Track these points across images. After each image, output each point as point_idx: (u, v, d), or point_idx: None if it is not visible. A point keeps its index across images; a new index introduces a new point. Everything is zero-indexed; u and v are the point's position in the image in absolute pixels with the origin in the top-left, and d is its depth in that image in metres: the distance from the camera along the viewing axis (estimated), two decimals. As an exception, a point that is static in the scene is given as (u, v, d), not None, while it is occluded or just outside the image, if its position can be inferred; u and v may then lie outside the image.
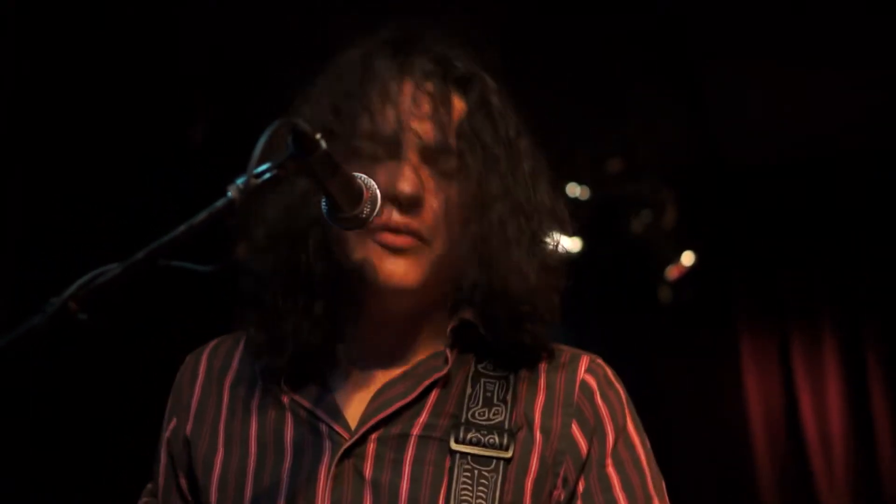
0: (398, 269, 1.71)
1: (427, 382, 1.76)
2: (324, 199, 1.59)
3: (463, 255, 1.73)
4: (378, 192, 1.61)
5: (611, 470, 1.77)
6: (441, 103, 1.75)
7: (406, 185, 1.69)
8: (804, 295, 6.69)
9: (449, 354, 1.78)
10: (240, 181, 1.38)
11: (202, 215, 1.37)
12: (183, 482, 1.86)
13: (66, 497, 4.55)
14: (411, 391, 1.75)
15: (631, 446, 1.81)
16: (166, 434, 1.90)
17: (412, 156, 1.72)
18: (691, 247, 6.39)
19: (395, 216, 1.70)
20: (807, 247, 6.60)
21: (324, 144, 1.46)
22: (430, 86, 1.75)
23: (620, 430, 1.80)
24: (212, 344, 1.96)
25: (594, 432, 1.77)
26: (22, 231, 4.42)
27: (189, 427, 1.86)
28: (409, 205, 1.70)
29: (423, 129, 1.73)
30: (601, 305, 6.35)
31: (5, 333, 1.34)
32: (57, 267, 3.94)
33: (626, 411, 1.83)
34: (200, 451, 1.83)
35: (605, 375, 1.84)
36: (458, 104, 1.79)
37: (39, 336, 1.33)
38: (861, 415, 6.48)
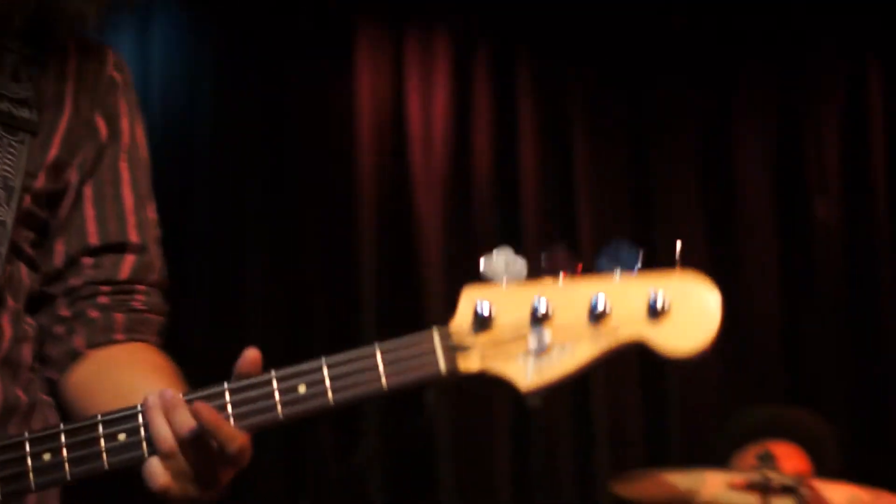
0: None
1: None
2: None
3: None
4: None
5: (123, 165, 1.95)
6: None
7: None
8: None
9: None
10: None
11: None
12: None
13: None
14: None
15: (139, 149, 1.99)
16: None
17: None
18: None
19: None
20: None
21: None
22: None
23: (133, 133, 1.98)
24: None
25: (112, 125, 1.93)
26: None
27: None
28: None
29: None
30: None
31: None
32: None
33: (138, 117, 2.00)
34: None
35: (131, 77, 2.00)
36: None
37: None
38: (463, 118, 6.62)
